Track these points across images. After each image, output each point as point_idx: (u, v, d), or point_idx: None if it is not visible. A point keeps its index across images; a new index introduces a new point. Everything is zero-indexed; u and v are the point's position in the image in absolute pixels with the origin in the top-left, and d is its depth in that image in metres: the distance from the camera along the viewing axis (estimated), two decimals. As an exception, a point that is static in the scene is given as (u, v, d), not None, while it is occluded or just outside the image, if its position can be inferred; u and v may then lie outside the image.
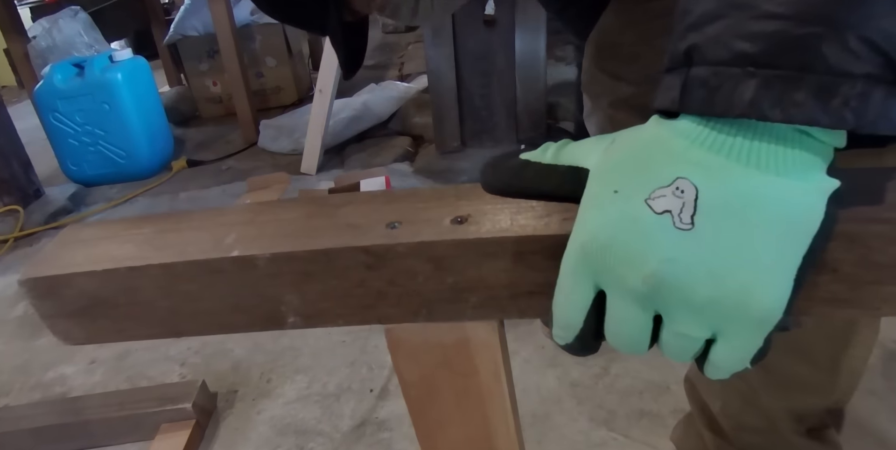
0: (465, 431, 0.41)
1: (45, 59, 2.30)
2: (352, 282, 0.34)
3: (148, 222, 0.39)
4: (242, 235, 0.35)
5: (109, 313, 0.37)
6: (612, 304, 0.28)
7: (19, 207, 1.96)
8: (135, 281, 0.35)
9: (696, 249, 0.24)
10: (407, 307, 0.35)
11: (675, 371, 1.04)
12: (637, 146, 0.28)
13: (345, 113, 2.14)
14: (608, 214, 0.27)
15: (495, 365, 0.38)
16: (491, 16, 1.78)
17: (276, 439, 1.01)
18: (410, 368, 0.38)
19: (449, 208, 0.34)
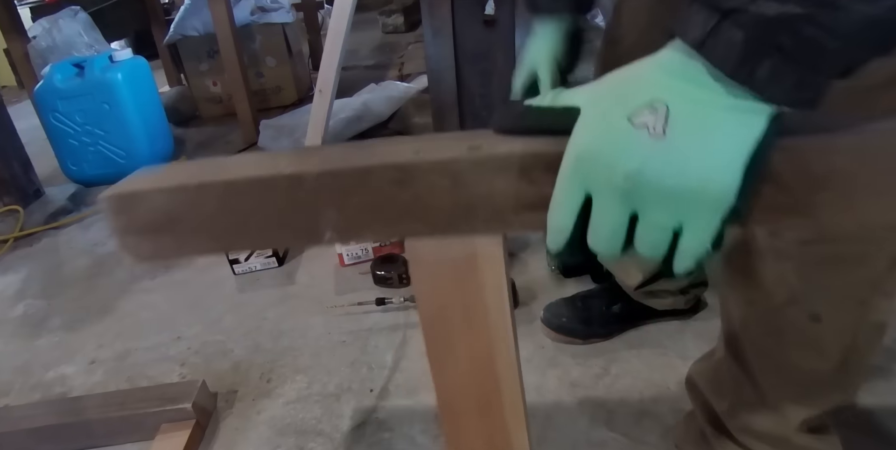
0: (471, 349, 0.46)
1: (45, 59, 2.30)
2: (383, 197, 0.40)
3: (208, 161, 0.46)
4: (293, 161, 0.42)
5: (175, 229, 0.43)
6: (596, 204, 0.34)
7: (19, 207, 1.96)
8: (200, 197, 0.41)
9: (666, 152, 0.31)
10: (427, 222, 0.41)
11: (675, 371, 1.04)
12: (622, 79, 0.35)
13: (345, 113, 2.14)
14: (597, 130, 0.34)
15: (499, 279, 0.44)
16: (491, 16, 1.78)
17: (276, 439, 1.01)
18: (426, 284, 0.45)
19: (465, 142, 0.41)
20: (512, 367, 0.47)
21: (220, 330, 1.32)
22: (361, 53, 3.60)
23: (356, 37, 3.76)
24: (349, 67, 3.18)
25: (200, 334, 1.31)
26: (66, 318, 1.44)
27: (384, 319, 1.27)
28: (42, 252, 1.79)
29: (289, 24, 2.76)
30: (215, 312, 1.38)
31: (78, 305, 1.49)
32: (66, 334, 1.38)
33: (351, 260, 1.49)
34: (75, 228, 1.91)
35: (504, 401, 0.49)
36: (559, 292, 1.28)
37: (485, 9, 1.78)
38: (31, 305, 1.52)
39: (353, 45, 3.54)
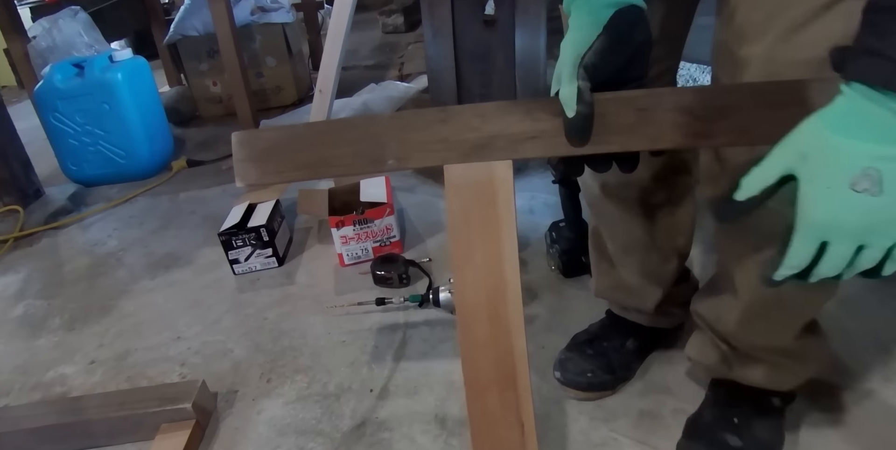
0: (485, 251, 0.61)
1: (45, 59, 2.30)
2: (431, 132, 0.60)
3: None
4: (370, 109, 0.75)
5: (278, 157, 0.60)
6: (833, 247, 0.46)
7: (19, 207, 1.96)
8: (302, 132, 0.61)
9: (884, 203, 0.43)
10: (460, 150, 0.60)
11: (676, 371, 1.04)
12: (822, 147, 0.46)
13: (345, 113, 2.14)
14: (830, 201, 0.45)
15: (508, 197, 0.61)
16: (491, 15, 1.78)
17: (276, 439, 1.01)
18: (457, 201, 0.61)
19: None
20: (515, 271, 0.61)
21: (220, 330, 1.32)
22: (361, 53, 3.60)
23: (356, 37, 3.76)
24: (349, 67, 3.18)
25: (200, 334, 1.31)
26: (66, 318, 1.44)
27: (384, 319, 1.27)
28: (42, 252, 1.79)
29: (289, 24, 2.76)
30: (215, 313, 1.38)
31: (78, 305, 1.49)
32: (66, 334, 1.38)
33: (351, 260, 1.49)
34: (75, 228, 1.91)
35: (508, 300, 0.61)
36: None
37: (485, 9, 1.78)
38: (31, 305, 1.52)
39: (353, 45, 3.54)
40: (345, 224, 1.44)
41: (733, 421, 0.86)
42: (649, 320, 1.05)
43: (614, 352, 1.04)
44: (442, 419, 1.00)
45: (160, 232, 1.81)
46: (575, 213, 1.32)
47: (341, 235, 1.45)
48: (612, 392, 1.01)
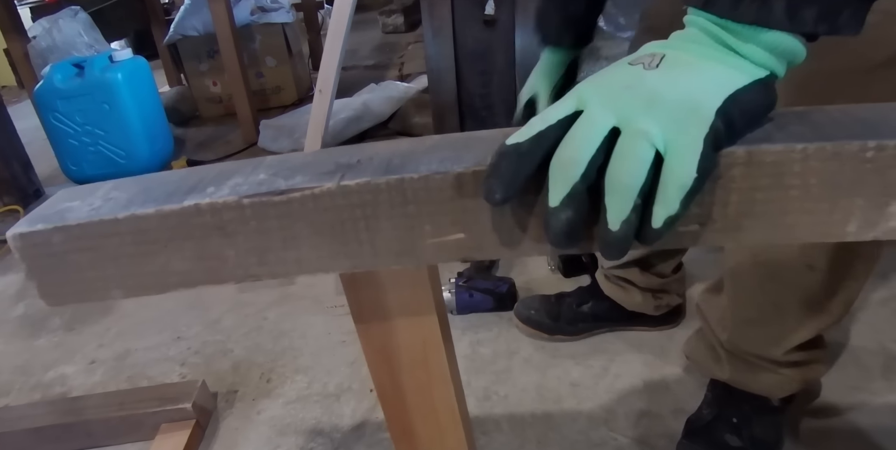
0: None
1: (45, 59, 2.30)
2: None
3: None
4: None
5: (84, 272, 0.41)
6: (584, 115, 0.33)
7: (19, 207, 1.96)
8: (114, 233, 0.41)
9: (657, 74, 0.33)
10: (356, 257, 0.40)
11: (676, 371, 1.04)
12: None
13: (345, 113, 2.14)
14: (598, 74, 0.35)
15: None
16: (491, 15, 1.78)
17: (276, 439, 1.01)
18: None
19: None
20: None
21: (220, 330, 1.32)
22: (361, 53, 3.60)
23: (356, 37, 3.76)
24: (349, 67, 3.18)
25: (200, 334, 1.31)
26: (66, 318, 1.44)
27: (384, 319, 1.27)
28: (42, 252, 1.78)
29: (289, 24, 2.76)
30: (215, 312, 1.38)
31: (78, 305, 1.49)
32: (66, 334, 1.38)
33: (351, 260, 1.49)
34: (75, 228, 1.91)
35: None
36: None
37: (485, 9, 1.78)
38: (31, 305, 1.52)
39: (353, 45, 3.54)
40: (345, 224, 1.44)
41: (732, 421, 0.86)
42: (606, 288, 1.13)
43: (568, 306, 1.14)
44: (442, 419, 1.00)
45: (160, 232, 1.81)
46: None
47: (341, 235, 1.45)
48: (548, 337, 1.14)
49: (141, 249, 0.37)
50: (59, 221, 0.36)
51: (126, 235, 0.36)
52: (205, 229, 0.36)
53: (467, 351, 1.15)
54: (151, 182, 0.40)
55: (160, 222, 0.36)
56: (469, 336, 1.19)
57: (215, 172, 0.39)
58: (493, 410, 1.01)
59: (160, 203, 0.35)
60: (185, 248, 0.37)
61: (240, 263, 0.37)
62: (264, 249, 0.37)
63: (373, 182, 0.34)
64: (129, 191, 0.38)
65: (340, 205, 0.35)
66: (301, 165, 0.38)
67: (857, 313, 1.12)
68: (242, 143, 2.38)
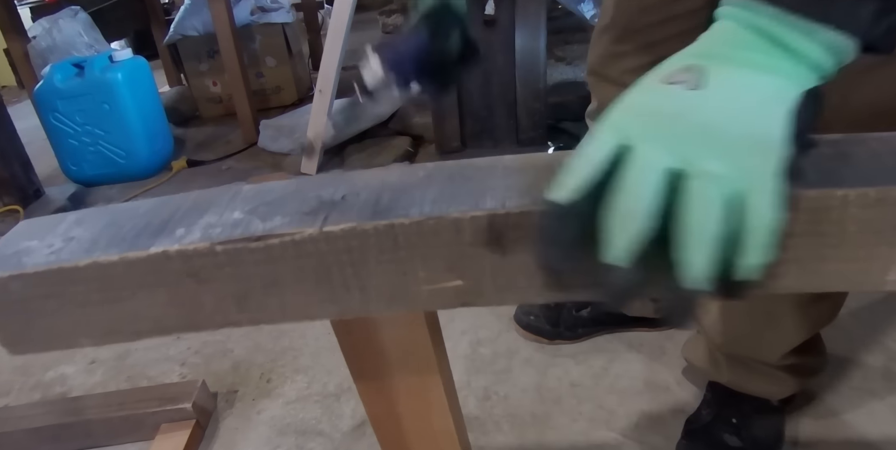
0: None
1: (45, 59, 2.30)
2: None
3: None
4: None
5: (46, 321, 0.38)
6: (635, 154, 0.28)
7: (19, 207, 1.96)
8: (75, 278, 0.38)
9: (706, 98, 0.28)
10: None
11: (675, 371, 1.04)
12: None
13: (345, 113, 2.14)
14: (630, 95, 0.30)
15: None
16: (491, 16, 1.78)
17: (276, 439, 1.01)
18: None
19: None
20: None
21: (220, 330, 1.31)
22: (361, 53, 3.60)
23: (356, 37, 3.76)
24: (349, 67, 3.18)
25: (200, 334, 1.31)
26: (66, 318, 1.44)
27: (384, 319, 1.27)
28: (42, 252, 1.78)
29: (289, 24, 2.76)
30: (215, 312, 1.38)
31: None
32: (66, 334, 1.38)
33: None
34: (75, 228, 1.90)
35: None
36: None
37: (485, 9, 1.78)
38: (31, 305, 1.52)
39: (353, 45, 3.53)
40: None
41: (732, 421, 0.86)
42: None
43: (567, 311, 1.12)
44: (442, 419, 1.00)
45: (160, 232, 1.81)
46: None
47: (341, 235, 1.45)
48: (548, 342, 1.12)
49: (108, 296, 0.34)
50: (16, 267, 0.33)
51: (91, 283, 0.33)
52: (176, 276, 0.33)
53: (467, 351, 1.15)
54: (118, 216, 0.36)
55: (126, 269, 0.32)
56: (469, 336, 1.19)
57: (188, 206, 0.36)
58: (493, 410, 1.01)
59: (126, 248, 0.32)
60: (156, 294, 0.34)
61: (217, 310, 0.35)
62: (243, 295, 0.34)
63: (359, 228, 0.31)
64: (92, 228, 0.35)
65: (324, 250, 0.32)
66: (281, 199, 0.34)
67: (858, 313, 1.12)
68: (242, 143, 2.38)
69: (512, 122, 1.96)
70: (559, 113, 2.16)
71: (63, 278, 0.33)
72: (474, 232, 0.31)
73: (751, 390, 0.87)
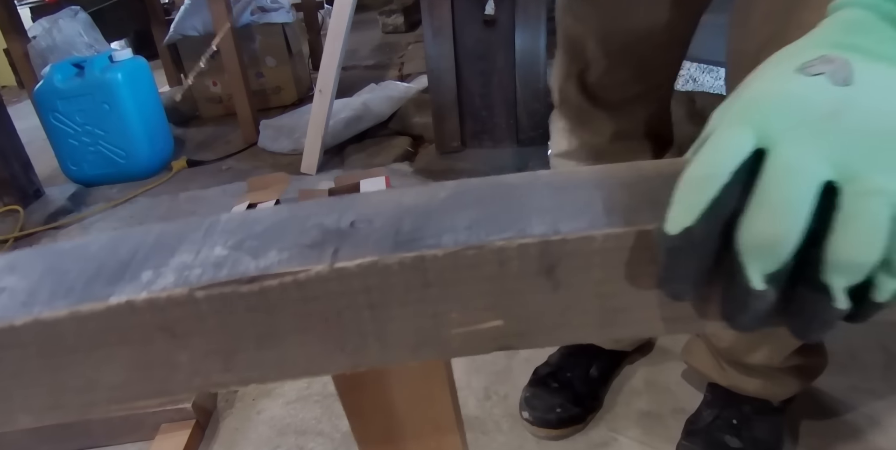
0: None
1: (45, 59, 2.30)
2: None
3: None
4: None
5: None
6: (775, 158, 0.22)
7: (19, 207, 1.96)
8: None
9: (861, 95, 0.23)
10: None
11: (675, 371, 1.04)
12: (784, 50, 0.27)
13: (345, 113, 2.14)
14: (766, 80, 0.25)
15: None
16: (491, 15, 1.78)
17: (276, 439, 1.01)
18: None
19: None
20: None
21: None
22: (361, 53, 3.60)
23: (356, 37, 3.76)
24: (349, 67, 3.18)
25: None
26: (66, 318, 1.44)
27: (384, 319, 1.27)
28: (42, 252, 1.78)
29: (289, 24, 2.76)
30: (215, 312, 1.38)
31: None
32: (66, 334, 1.38)
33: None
34: (75, 228, 1.91)
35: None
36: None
37: (485, 9, 1.78)
38: (31, 305, 1.52)
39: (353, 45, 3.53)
40: (345, 224, 1.44)
41: (732, 422, 0.86)
42: (612, 343, 1.02)
43: (579, 382, 0.98)
44: (442, 419, 1.00)
45: (160, 232, 1.81)
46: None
47: (341, 235, 1.45)
48: (583, 425, 0.96)
49: (53, 362, 0.27)
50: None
51: (29, 346, 0.26)
52: (144, 331, 0.26)
53: (467, 351, 1.15)
54: (61, 259, 0.29)
55: (78, 327, 0.26)
56: (469, 336, 1.19)
57: (151, 242, 0.29)
58: (493, 410, 1.01)
59: (76, 299, 0.26)
60: (116, 356, 0.27)
61: (197, 371, 0.27)
62: (230, 350, 0.27)
63: (381, 262, 0.25)
64: (28, 274, 0.28)
65: (336, 292, 0.26)
66: (272, 229, 0.28)
67: (857, 313, 1.12)
68: (242, 143, 2.38)
69: (512, 122, 1.96)
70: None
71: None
72: (523, 263, 0.26)
73: (752, 391, 0.87)
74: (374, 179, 1.61)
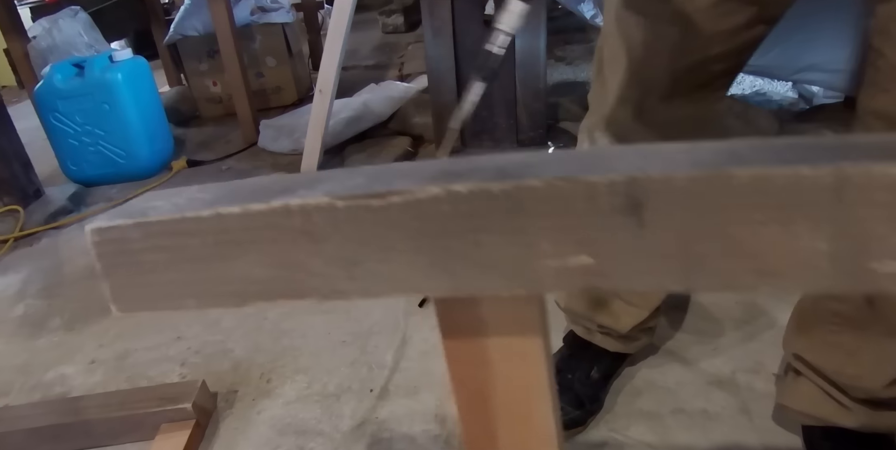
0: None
1: (45, 59, 2.30)
2: None
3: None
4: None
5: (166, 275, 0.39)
6: None
7: (19, 207, 1.96)
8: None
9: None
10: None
11: (676, 372, 1.04)
12: None
13: (345, 113, 2.14)
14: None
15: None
16: (491, 15, 1.78)
17: (276, 439, 1.01)
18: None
19: None
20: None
21: (220, 330, 1.32)
22: (361, 53, 3.60)
23: (356, 37, 3.76)
24: (349, 67, 3.18)
25: (200, 334, 1.31)
26: (66, 318, 1.44)
27: (384, 318, 1.27)
28: (42, 252, 1.79)
29: (289, 24, 2.76)
30: (215, 313, 1.38)
31: (78, 305, 1.49)
32: (66, 334, 1.38)
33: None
34: (75, 228, 1.91)
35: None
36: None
37: (485, 9, 1.78)
38: (31, 305, 1.52)
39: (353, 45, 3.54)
40: (345, 224, 1.44)
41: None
42: (615, 345, 0.99)
43: (580, 384, 0.97)
44: (442, 419, 1.00)
45: (160, 232, 1.81)
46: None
47: (341, 235, 1.45)
48: (583, 428, 0.95)
49: (221, 250, 0.33)
50: (140, 216, 0.33)
51: (207, 235, 0.32)
52: (292, 233, 0.31)
53: (467, 351, 1.15)
54: (239, 186, 0.37)
55: (245, 222, 0.32)
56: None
57: (308, 178, 0.35)
58: (493, 410, 1.01)
59: (247, 202, 0.32)
60: (267, 253, 0.32)
61: (327, 276, 0.32)
62: (355, 260, 0.32)
63: (487, 188, 0.29)
64: (215, 193, 0.35)
65: (447, 213, 0.29)
66: (402, 172, 0.33)
67: None
68: (242, 143, 2.39)
69: (512, 122, 1.96)
70: (559, 113, 2.16)
71: (183, 229, 0.32)
72: (610, 199, 0.27)
73: (884, 427, 0.79)
74: (374, 179, 1.61)
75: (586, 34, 2.76)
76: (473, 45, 1.84)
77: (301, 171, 2.01)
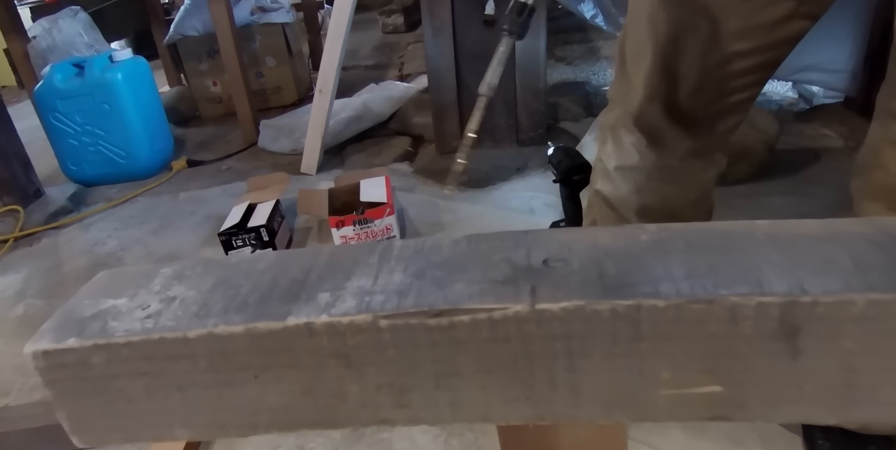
0: None
1: (45, 59, 2.30)
2: None
3: None
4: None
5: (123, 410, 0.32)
6: None
7: (19, 207, 1.96)
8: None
9: None
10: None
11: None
12: None
13: (345, 113, 2.14)
14: None
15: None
16: (491, 16, 1.78)
17: (277, 440, 1.01)
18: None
19: None
20: None
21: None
22: (361, 53, 3.60)
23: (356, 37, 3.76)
24: (349, 67, 3.18)
25: (200, 334, 1.31)
26: (66, 318, 1.44)
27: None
28: (42, 252, 1.78)
29: (289, 24, 2.76)
30: (215, 312, 1.38)
31: (78, 305, 1.49)
32: (66, 334, 1.38)
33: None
34: (75, 228, 1.91)
35: None
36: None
37: (485, 9, 1.78)
38: (31, 305, 1.52)
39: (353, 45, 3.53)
40: (345, 224, 1.44)
41: None
42: None
43: None
44: (442, 419, 1.01)
45: (160, 232, 1.81)
46: (575, 212, 1.33)
47: (341, 235, 1.45)
48: None
49: (220, 378, 0.26)
50: (101, 334, 0.26)
51: (199, 359, 0.25)
52: (319, 357, 0.25)
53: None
54: (229, 272, 0.28)
55: (252, 345, 0.25)
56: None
57: (324, 262, 0.28)
58: (493, 410, 1.01)
59: (251, 315, 0.25)
60: (286, 379, 0.25)
61: (367, 404, 0.26)
62: (406, 387, 0.25)
63: (589, 308, 0.23)
64: (198, 286, 0.27)
65: (533, 335, 0.24)
66: (453, 259, 0.26)
67: None
68: (242, 143, 2.39)
69: (512, 122, 1.96)
70: (559, 113, 2.16)
71: (164, 353, 0.25)
72: (759, 324, 0.22)
73: (884, 428, 0.77)
74: (375, 179, 1.61)
75: (586, 34, 2.76)
76: (473, 45, 1.85)
77: (301, 171, 2.02)
